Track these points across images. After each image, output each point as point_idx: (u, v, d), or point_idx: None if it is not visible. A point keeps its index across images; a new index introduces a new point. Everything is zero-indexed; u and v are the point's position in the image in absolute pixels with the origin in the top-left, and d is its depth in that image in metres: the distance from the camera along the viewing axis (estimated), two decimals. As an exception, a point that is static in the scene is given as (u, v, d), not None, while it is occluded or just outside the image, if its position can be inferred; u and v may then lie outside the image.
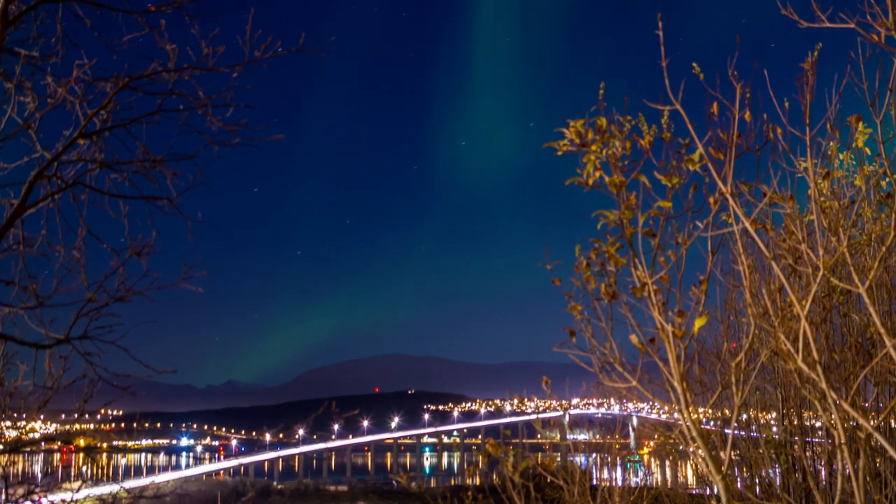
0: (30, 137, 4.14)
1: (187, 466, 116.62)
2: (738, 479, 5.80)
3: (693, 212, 3.06)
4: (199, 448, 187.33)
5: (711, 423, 6.07)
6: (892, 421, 4.95)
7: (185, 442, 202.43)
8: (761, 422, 5.90)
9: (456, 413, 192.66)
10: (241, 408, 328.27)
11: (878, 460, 4.62)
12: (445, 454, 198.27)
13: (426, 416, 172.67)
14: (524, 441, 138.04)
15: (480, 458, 3.41)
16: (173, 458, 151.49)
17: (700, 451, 2.93)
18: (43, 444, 4.83)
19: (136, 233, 4.30)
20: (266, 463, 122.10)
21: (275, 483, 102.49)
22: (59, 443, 4.99)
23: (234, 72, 4.21)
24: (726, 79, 3.24)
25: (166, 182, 4.33)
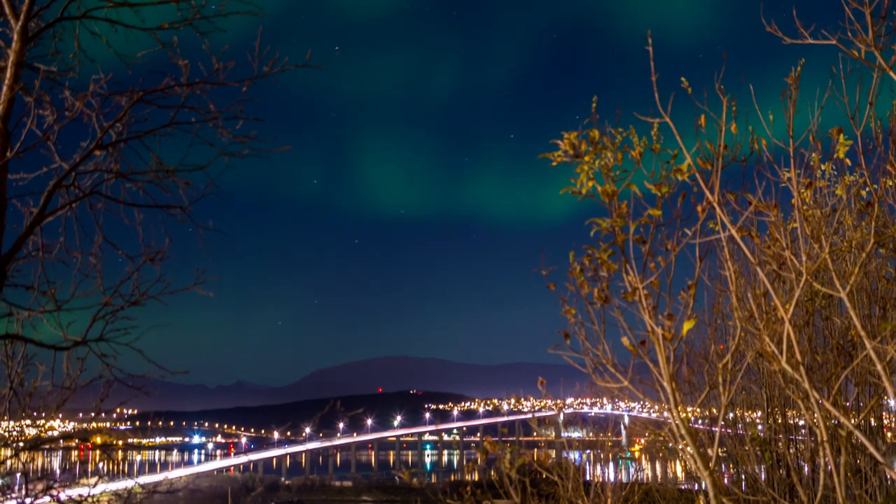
0: (48, 149, 4.26)
1: (199, 463, 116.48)
2: (725, 475, 5.86)
3: (682, 220, 3.14)
4: (210, 445, 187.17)
5: (699, 421, 6.14)
6: (872, 419, 5.00)
7: (196, 440, 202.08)
8: (747, 420, 5.95)
9: (456, 412, 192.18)
10: (250, 407, 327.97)
11: (858, 457, 4.69)
12: (446, 451, 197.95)
13: (427, 415, 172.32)
14: (521, 438, 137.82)
15: (479, 455, 3.52)
16: (186, 454, 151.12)
17: (688, 448, 2.98)
18: (61, 441, 4.94)
19: (150, 240, 4.45)
20: (274, 459, 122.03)
21: (282, 479, 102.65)
22: (76, 440, 5.12)
23: (244, 86, 4.34)
24: (714, 93, 3.36)
25: (179, 191, 4.46)
